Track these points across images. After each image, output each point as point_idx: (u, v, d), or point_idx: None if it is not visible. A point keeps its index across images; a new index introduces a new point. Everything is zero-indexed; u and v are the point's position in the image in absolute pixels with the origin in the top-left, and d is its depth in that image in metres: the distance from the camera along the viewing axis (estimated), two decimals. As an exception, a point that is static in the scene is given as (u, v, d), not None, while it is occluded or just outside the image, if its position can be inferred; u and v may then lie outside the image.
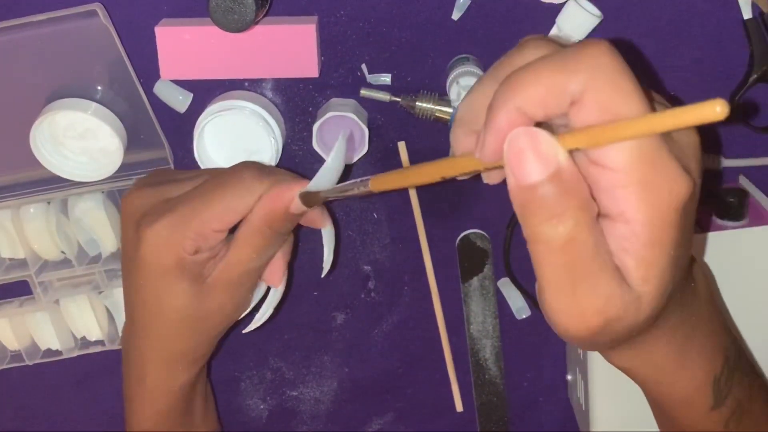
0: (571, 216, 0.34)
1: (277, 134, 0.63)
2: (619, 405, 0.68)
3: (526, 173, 0.34)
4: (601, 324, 0.36)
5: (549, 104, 0.35)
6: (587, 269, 0.35)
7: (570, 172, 0.34)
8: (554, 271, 0.35)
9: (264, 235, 0.55)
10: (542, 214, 0.34)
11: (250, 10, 0.57)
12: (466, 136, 0.42)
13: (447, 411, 0.78)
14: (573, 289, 0.35)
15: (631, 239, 0.36)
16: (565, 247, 0.35)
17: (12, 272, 0.69)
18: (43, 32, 0.60)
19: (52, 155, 0.63)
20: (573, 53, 0.35)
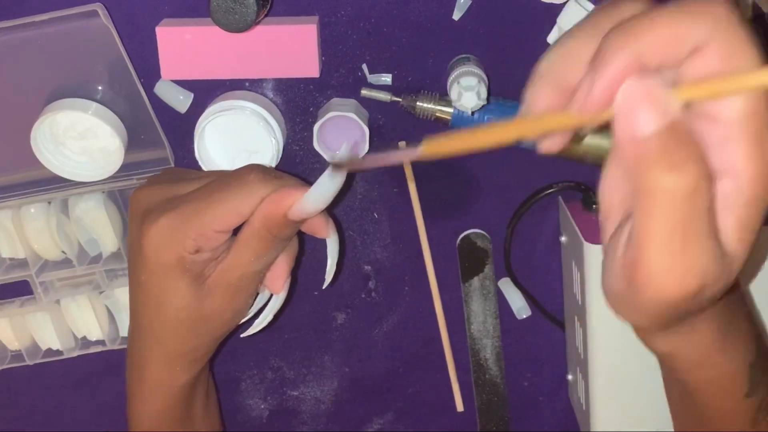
0: (695, 165, 0.33)
1: (277, 134, 0.63)
2: (619, 405, 0.68)
3: (642, 124, 0.33)
4: (697, 287, 0.35)
5: (670, 51, 0.34)
6: (702, 226, 0.34)
7: (685, 124, 0.33)
8: (669, 224, 0.34)
9: (263, 239, 0.54)
10: (664, 164, 0.33)
11: (251, 11, 0.57)
12: (551, 92, 0.39)
13: (447, 411, 0.78)
14: (684, 247, 0.34)
15: (735, 196, 0.35)
16: (688, 199, 0.33)
17: (12, 272, 0.69)
18: (44, 32, 0.60)
19: (53, 155, 0.63)
20: (696, 3, 0.34)
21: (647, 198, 0.34)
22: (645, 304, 0.36)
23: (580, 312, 0.67)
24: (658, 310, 0.37)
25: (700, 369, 0.48)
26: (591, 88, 0.34)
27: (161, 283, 0.56)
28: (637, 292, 0.36)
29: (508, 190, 0.70)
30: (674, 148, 0.33)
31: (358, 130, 0.64)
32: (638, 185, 0.34)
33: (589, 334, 0.66)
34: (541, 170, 0.69)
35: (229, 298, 0.57)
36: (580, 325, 0.68)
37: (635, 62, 0.34)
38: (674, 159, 0.33)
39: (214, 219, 0.54)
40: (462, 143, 0.40)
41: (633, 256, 0.35)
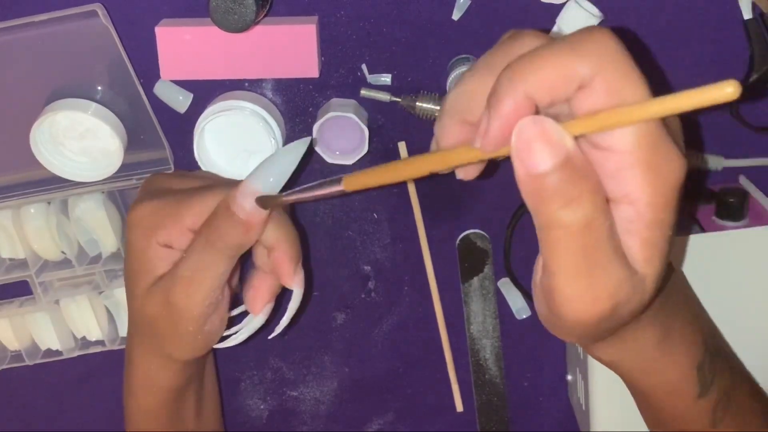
0: (588, 199, 0.35)
1: (277, 134, 0.63)
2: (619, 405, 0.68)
3: (537, 162, 0.34)
4: (610, 308, 0.37)
5: (558, 89, 0.35)
6: (603, 252, 0.36)
7: (579, 158, 0.35)
8: (571, 255, 0.36)
9: (202, 234, 0.52)
10: (558, 200, 0.35)
11: (251, 11, 0.57)
12: (456, 127, 0.41)
13: (447, 411, 0.78)
14: (589, 273, 0.36)
15: (635, 221, 0.36)
16: (584, 231, 0.35)
17: (12, 272, 0.69)
18: (44, 32, 0.60)
19: (53, 155, 0.63)
20: (579, 39, 0.35)
21: (549, 231, 0.36)
22: (566, 326, 0.38)
23: (580, 312, 0.67)
24: (580, 330, 0.38)
25: (646, 375, 0.49)
26: (488, 126, 0.36)
27: (131, 267, 0.56)
28: (557, 316, 0.38)
29: (507, 190, 0.70)
30: (569, 184, 0.34)
31: (358, 130, 0.64)
32: (538, 220, 0.36)
33: (589, 334, 0.66)
34: (540, 170, 0.68)
35: (165, 309, 0.54)
36: (579, 325, 0.68)
37: (527, 100, 0.35)
38: (569, 195, 0.34)
39: (187, 215, 0.53)
40: (379, 178, 0.42)
41: (546, 285, 0.38)
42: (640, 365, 0.48)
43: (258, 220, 0.51)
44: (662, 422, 0.53)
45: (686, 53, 0.64)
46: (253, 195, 0.50)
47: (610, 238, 0.36)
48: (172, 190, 0.56)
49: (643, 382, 0.50)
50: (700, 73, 0.64)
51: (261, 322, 0.58)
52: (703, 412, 0.51)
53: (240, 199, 0.50)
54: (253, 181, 0.50)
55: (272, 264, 0.55)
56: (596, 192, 0.35)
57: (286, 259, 0.54)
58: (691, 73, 0.64)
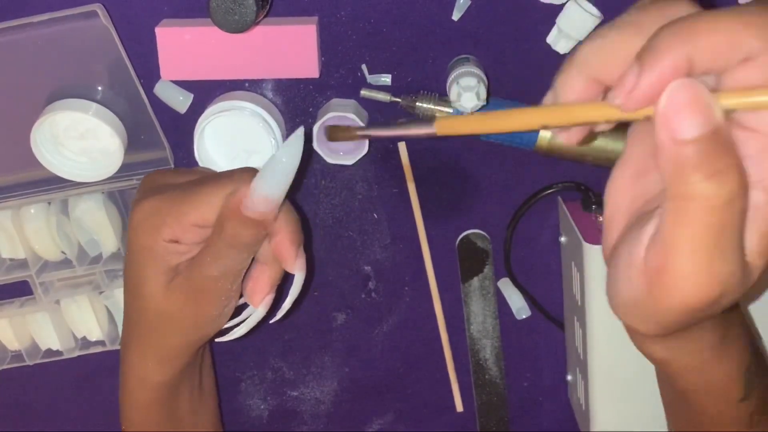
0: (735, 174, 0.33)
1: (277, 135, 0.63)
2: (619, 405, 0.68)
3: (686, 127, 0.33)
4: (717, 295, 0.35)
5: (722, 57, 0.34)
6: (732, 235, 0.34)
7: (727, 132, 0.33)
8: (703, 232, 0.33)
9: (220, 240, 0.52)
10: (703, 171, 0.33)
11: (251, 11, 0.57)
12: (585, 83, 0.38)
13: (447, 411, 0.78)
14: (712, 254, 0.34)
15: (764, 209, 0.35)
16: (725, 208, 0.33)
17: (13, 273, 0.69)
18: (44, 33, 0.60)
19: (53, 155, 0.63)
20: (752, 13, 0.34)
21: (683, 203, 0.33)
22: (663, 311, 0.36)
23: (580, 312, 0.67)
24: (675, 317, 0.36)
25: (696, 375, 0.48)
26: (637, 82, 0.34)
27: (137, 265, 0.55)
28: (658, 299, 0.36)
29: (507, 190, 0.70)
30: (716, 155, 0.33)
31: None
32: (674, 190, 0.34)
33: (589, 334, 0.66)
34: (540, 170, 0.69)
35: (188, 301, 0.54)
36: (579, 325, 0.68)
37: (686, 62, 0.33)
38: (716, 167, 0.33)
39: (191, 209, 0.53)
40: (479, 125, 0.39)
41: (658, 263, 0.35)
42: (693, 364, 0.47)
43: (271, 216, 0.52)
44: (699, 425, 0.52)
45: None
46: (263, 201, 0.50)
47: (742, 223, 0.34)
48: (172, 186, 0.56)
49: (691, 381, 0.48)
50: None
51: (262, 315, 0.57)
52: (742, 416, 0.50)
53: (251, 205, 0.50)
54: (262, 186, 0.50)
55: (274, 249, 0.54)
56: (741, 169, 0.33)
57: (288, 243, 0.54)
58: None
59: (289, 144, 0.49)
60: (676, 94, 0.33)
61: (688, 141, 0.33)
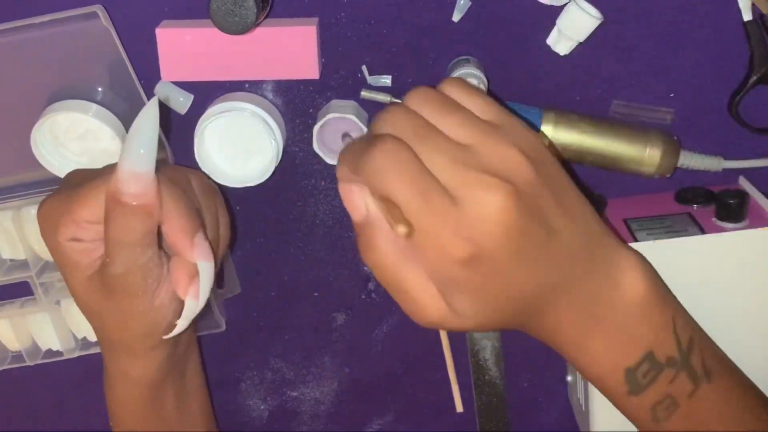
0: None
1: (277, 136, 0.63)
2: (619, 405, 0.68)
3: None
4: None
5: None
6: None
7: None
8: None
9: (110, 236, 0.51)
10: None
11: (251, 13, 0.57)
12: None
13: (447, 411, 0.78)
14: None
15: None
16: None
17: (13, 273, 0.69)
18: (44, 34, 0.60)
19: (53, 156, 0.64)
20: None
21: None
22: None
23: (580, 313, 0.67)
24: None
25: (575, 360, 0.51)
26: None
27: (58, 264, 0.55)
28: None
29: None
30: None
31: (358, 131, 0.64)
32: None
33: (589, 335, 0.66)
34: (540, 171, 0.68)
35: (107, 299, 0.53)
36: (579, 326, 0.68)
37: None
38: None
39: (77, 207, 0.52)
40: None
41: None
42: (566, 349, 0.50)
43: (152, 198, 0.50)
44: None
45: (686, 54, 0.64)
46: (132, 177, 0.48)
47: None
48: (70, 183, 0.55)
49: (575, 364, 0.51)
50: (700, 74, 0.64)
51: (196, 305, 0.54)
52: (636, 408, 0.52)
53: (123, 187, 0.49)
54: (126, 162, 0.48)
55: (168, 240, 0.53)
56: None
57: (177, 231, 0.52)
58: (691, 74, 0.64)
59: (144, 112, 0.48)
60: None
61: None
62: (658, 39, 0.64)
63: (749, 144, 0.66)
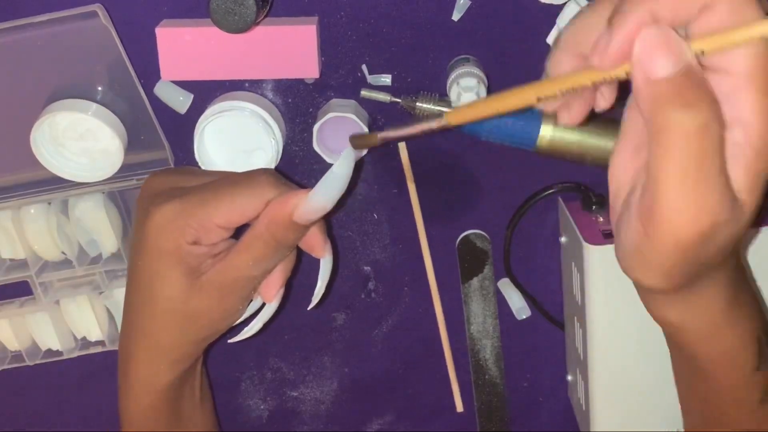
0: (706, 104, 0.36)
1: (277, 135, 0.63)
2: (619, 405, 0.68)
3: (658, 67, 0.36)
4: (710, 226, 0.37)
5: (682, 9, 0.37)
6: (713, 165, 0.37)
7: (698, 70, 0.36)
8: (683, 159, 0.36)
9: (266, 243, 0.54)
10: (677, 102, 0.36)
11: (251, 11, 0.57)
12: (572, 60, 0.42)
13: (447, 411, 0.78)
14: (696, 183, 0.37)
15: (744, 145, 0.38)
16: (700, 134, 0.36)
17: (12, 273, 0.69)
18: (44, 33, 0.60)
19: (53, 156, 0.63)
20: None
21: (662, 135, 0.36)
22: (661, 251, 0.39)
23: (580, 312, 0.67)
24: (674, 256, 0.39)
25: (709, 341, 0.49)
26: (609, 41, 0.37)
27: (155, 268, 0.56)
28: (654, 237, 0.38)
29: (507, 191, 0.70)
30: (688, 88, 0.36)
31: (358, 130, 0.64)
32: (654, 125, 0.37)
33: (589, 334, 0.66)
34: (540, 171, 0.69)
35: (220, 299, 0.56)
36: (579, 325, 0.68)
37: (650, 18, 0.37)
38: (688, 98, 0.36)
39: (218, 212, 0.54)
40: (485, 109, 0.43)
41: (649, 200, 0.38)
42: (705, 329, 0.48)
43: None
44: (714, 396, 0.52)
45: (686, 54, 0.64)
46: (322, 211, 0.52)
47: (721, 152, 0.37)
48: (188, 189, 0.57)
49: (704, 348, 0.49)
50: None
51: (274, 309, 0.59)
52: (756, 386, 0.51)
53: (310, 216, 0.53)
54: (322, 199, 0.52)
55: (305, 239, 0.56)
56: (713, 101, 0.36)
57: (318, 232, 0.56)
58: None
59: (344, 158, 0.51)
60: (647, 38, 0.36)
61: (661, 79, 0.36)
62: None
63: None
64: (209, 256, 0.56)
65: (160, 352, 0.58)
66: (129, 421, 0.62)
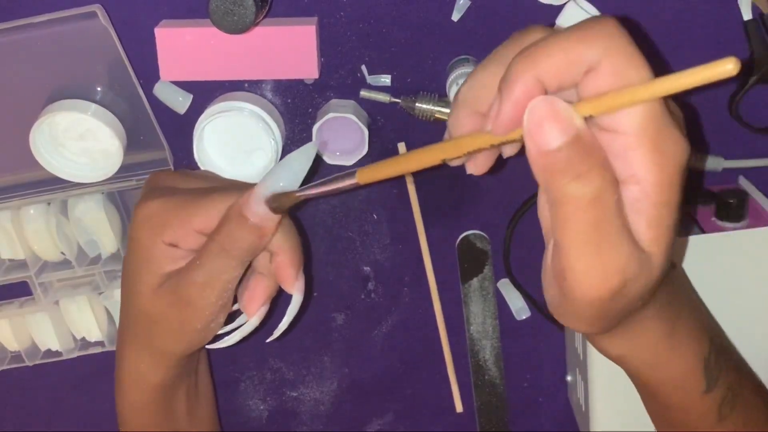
0: (597, 173, 0.36)
1: (276, 135, 0.63)
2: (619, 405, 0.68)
3: (548, 139, 0.36)
4: (619, 284, 0.38)
5: (566, 73, 0.37)
6: (612, 227, 0.37)
7: (588, 136, 0.36)
8: (582, 229, 0.37)
9: (215, 242, 0.52)
10: (569, 174, 0.36)
11: (250, 12, 0.57)
12: (469, 118, 0.43)
13: (447, 411, 0.78)
14: (598, 247, 0.37)
15: (642, 200, 0.38)
16: (593, 204, 0.36)
17: (12, 273, 0.69)
18: (43, 33, 0.60)
19: (52, 156, 0.63)
20: (586, 27, 0.37)
21: (559, 207, 0.37)
22: (577, 307, 0.39)
23: (580, 313, 0.67)
24: (591, 311, 0.39)
25: (654, 370, 0.50)
26: (499, 110, 0.38)
27: (134, 263, 0.56)
28: (569, 297, 0.39)
29: (507, 191, 0.70)
30: (578, 159, 0.36)
31: (357, 131, 0.64)
32: (551, 196, 0.37)
33: (589, 335, 0.66)
34: (540, 171, 0.68)
35: (172, 308, 0.54)
36: (579, 326, 0.68)
37: (537, 84, 0.37)
38: (579, 169, 0.36)
39: (196, 217, 0.53)
40: (392, 169, 0.43)
41: (558, 264, 0.39)
42: (648, 359, 0.49)
43: (271, 225, 0.52)
44: (669, 419, 0.53)
45: (686, 54, 0.64)
46: (268, 195, 0.50)
47: (619, 214, 0.37)
48: (179, 190, 0.56)
49: (650, 376, 0.50)
50: (699, 74, 0.64)
51: (255, 325, 0.57)
52: (709, 408, 0.51)
53: (254, 205, 0.50)
54: (265, 186, 0.50)
55: (274, 269, 0.55)
56: (605, 168, 0.37)
57: (288, 265, 0.54)
58: (690, 74, 0.64)
59: (300, 152, 0.50)
60: (535, 110, 0.36)
61: (553, 150, 0.36)
62: (658, 38, 0.64)
63: (749, 144, 0.66)
64: (182, 262, 0.55)
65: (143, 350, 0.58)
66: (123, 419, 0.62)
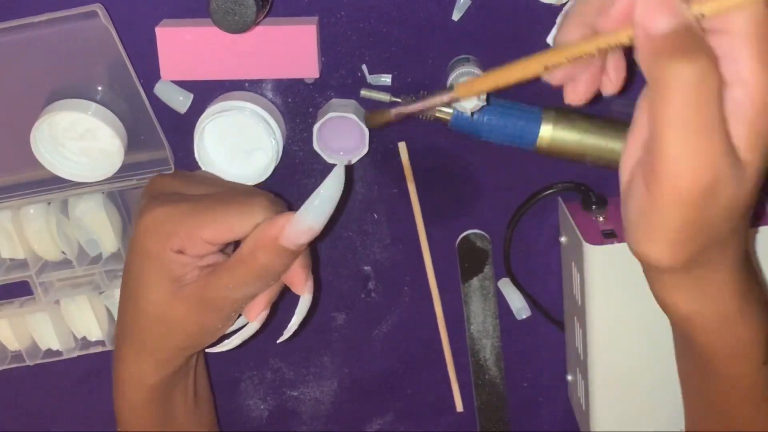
0: (704, 56, 0.37)
1: (277, 135, 0.63)
2: (619, 405, 0.68)
3: (658, 23, 0.37)
4: (711, 181, 0.38)
5: None
6: (711, 115, 0.37)
7: (697, 29, 0.38)
8: (682, 110, 0.37)
9: (248, 268, 0.53)
10: (676, 53, 0.37)
11: (251, 11, 0.57)
12: (577, 27, 0.43)
13: (447, 411, 0.78)
14: (696, 134, 0.37)
15: (745, 104, 0.38)
16: (698, 84, 0.37)
17: (12, 273, 0.69)
18: (44, 33, 0.60)
19: (53, 156, 0.63)
20: None
21: (662, 87, 0.37)
22: (664, 206, 0.39)
23: (580, 312, 0.67)
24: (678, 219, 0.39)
25: (720, 334, 0.48)
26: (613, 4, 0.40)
27: (141, 270, 0.56)
28: (656, 192, 0.39)
29: (508, 191, 0.70)
30: (686, 41, 0.37)
31: (358, 130, 0.64)
32: (654, 79, 0.38)
33: (589, 334, 0.66)
34: (540, 171, 0.69)
35: (198, 314, 0.55)
36: (579, 325, 0.68)
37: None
38: (685, 50, 0.37)
39: (206, 227, 0.54)
40: (494, 80, 0.45)
41: (651, 157, 0.39)
42: (716, 320, 0.48)
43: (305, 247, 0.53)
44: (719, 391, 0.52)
45: None
46: (309, 233, 0.51)
47: (720, 105, 0.38)
48: (184, 196, 0.57)
49: (714, 341, 0.49)
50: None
51: (255, 329, 0.58)
52: (764, 380, 0.50)
53: (297, 239, 0.52)
54: (309, 219, 0.51)
55: (286, 278, 0.56)
56: (711, 54, 0.37)
57: (299, 268, 0.55)
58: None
59: (332, 177, 0.50)
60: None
61: (660, 34, 0.37)
62: None
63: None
64: (195, 267, 0.56)
65: (144, 353, 0.58)
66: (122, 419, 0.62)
